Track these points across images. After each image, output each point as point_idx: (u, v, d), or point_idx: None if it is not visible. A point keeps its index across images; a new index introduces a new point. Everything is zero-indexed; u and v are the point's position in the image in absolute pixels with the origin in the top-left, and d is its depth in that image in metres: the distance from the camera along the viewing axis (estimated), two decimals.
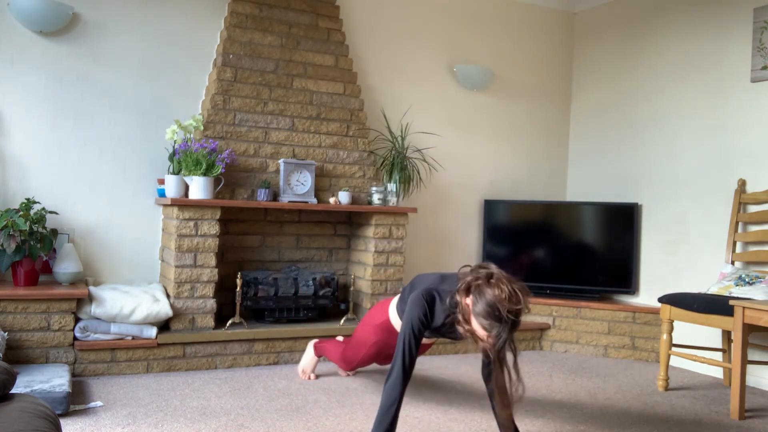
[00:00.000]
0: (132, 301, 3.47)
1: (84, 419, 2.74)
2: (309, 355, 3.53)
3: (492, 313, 2.19)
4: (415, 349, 2.38)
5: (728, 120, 4.09)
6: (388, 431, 2.28)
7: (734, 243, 3.90)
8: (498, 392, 2.37)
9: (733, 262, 3.89)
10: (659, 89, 4.57)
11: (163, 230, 4.01)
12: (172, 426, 2.71)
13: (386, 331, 2.88)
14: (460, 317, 2.29)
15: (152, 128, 4.00)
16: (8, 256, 3.35)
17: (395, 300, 2.87)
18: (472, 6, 4.98)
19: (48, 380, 2.90)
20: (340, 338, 3.53)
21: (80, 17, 3.84)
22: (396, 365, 2.34)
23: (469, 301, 2.26)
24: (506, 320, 2.19)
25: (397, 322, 2.80)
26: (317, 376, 3.56)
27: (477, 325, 2.23)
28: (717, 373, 4.00)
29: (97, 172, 3.89)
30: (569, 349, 4.52)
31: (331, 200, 4.08)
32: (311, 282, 4.01)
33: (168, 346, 3.55)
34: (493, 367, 2.32)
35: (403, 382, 2.32)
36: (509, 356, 2.25)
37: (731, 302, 3.17)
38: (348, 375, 3.60)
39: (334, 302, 4.09)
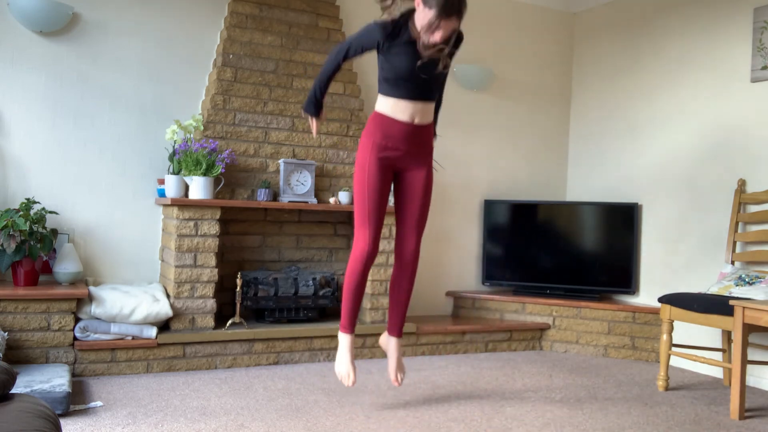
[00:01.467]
0: (132, 301, 3.47)
1: (84, 419, 2.74)
2: (342, 340, 3.04)
3: None
4: (353, 45, 2.81)
5: (728, 120, 4.09)
6: (324, 85, 2.90)
7: (734, 243, 3.90)
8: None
9: (733, 262, 3.89)
10: (659, 89, 4.57)
11: (163, 230, 4.01)
12: (172, 426, 2.71)
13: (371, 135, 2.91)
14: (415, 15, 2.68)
15: (152, 128, 4.01)
16: (8, 256, 3.35)
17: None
18: (472, 6, 4.94)
19: (48, 380, 2.90)
20: None
21: (80, 17, 3.85)
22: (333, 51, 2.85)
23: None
24: None
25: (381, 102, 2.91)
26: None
27: (424, 9, 2.60)
28: (717, 373, 4.00)
29: (97, 172, 3.90)
30: (569, 349, 4.52)
31: (331, 200, 4.08)
32: (311, 282, 4.02)
33: (168, 346, 3.55)
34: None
35: (335, 61, 2.85)
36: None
37: (731, 302, 3.17)
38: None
39: (334, 302, 4.09)
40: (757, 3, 3.94)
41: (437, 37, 2.62)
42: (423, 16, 2.61)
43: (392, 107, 2.82)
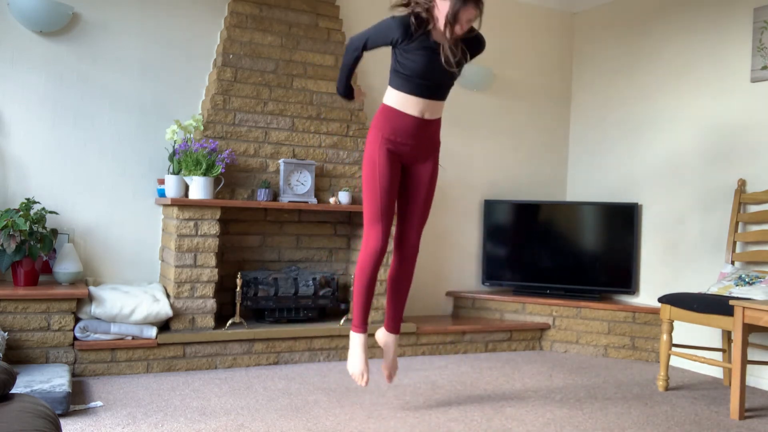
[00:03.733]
0: (132, 301, 3.47)
1: (84, 419, 2.74)
2: (354, 340, 2.97)
3: None
4: (370, 39, 2.81)
5: (728, 120, 4.09)
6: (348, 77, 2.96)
7: (734, 243, 3.90)
8: None
9: (733, 262, 3.89)
10: (659, 89, 4.57)
11: (163, 230, 4.01)
12: (172, 426, 2.71)
13: (380, 129, 2.88)
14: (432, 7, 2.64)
15: (152, 128, 4.01)
16: (8, 256, 3.35)
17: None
18: None
19: (48, 380, 2.90)
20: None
21: (80, 17, 3.85)
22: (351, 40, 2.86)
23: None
24: None
25: (390, 97, 2.89)
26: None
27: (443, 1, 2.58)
28: (717, 373, 4.00)
29: (97, 172, 3.90)
30: (569, 349, 4.52)
31: (331, 200, 4.08)
32: (311, 282, 4.02)
33: (168, 346, 3.55)
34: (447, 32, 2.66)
35: (353, 55, 2.88)
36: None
37: (731, 302, 3.17)
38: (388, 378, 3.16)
39: (334, 302, 4.09)
40: (757, 3, 3.94)
41: (457, 30, 2.62)
42: (442, 8, 2.59)
43: (403, 102, 2.81)
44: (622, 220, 4.62)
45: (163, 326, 3.62)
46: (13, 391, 1.93)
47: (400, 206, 3.02)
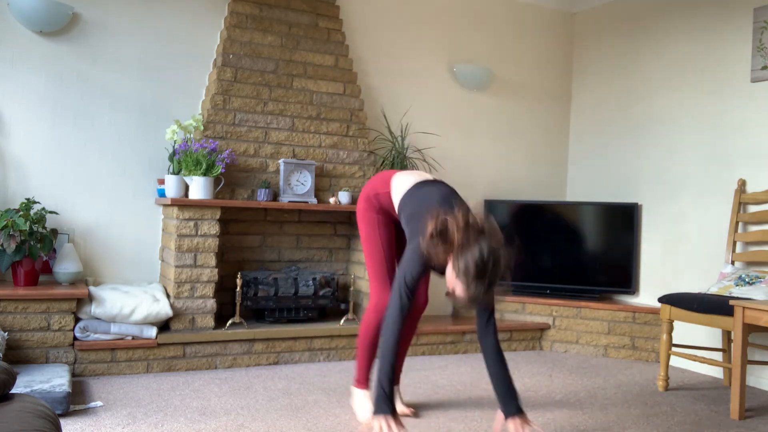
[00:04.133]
0: (132, 301, 3.47)
1: (84, 419, 2.74)
2: (359, 396, 2.90)
3: (471, 273, 2.28)
4: (411, 291, 2.47)
5: (728, 120, 4.09)
6: (392, 365, 2.40)
7: (734, 243, 3.90)
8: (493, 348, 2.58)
9: (733, 262, 3.89)
10: (659, 89, 4.57)
11: (163, 230, 4.01)
12: (172, 426, 2.71)
13: (379, 210, 2.82)
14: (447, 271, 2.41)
15: (152, 128, 4.01)
16: (8, 256, 3.35)
17: (398, 181, 2.76)
18: (472, 6, 4.98)
19: (48, 380, 2.90)
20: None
21: (80, 17, 3.85)
22: (392, 306, 2.46)
23: (450, 261, 2.36)
24: (484, 280, 2.29)
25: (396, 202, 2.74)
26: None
27: (456, 282, 2.33)
28: (717, 373, 4.00)
29: (97, 172, 3.90)
30: (569, 349, 4.52)
31: (331, 200, 4.08)
32: (311, 282, 4.02)
33: (168, 346, 3.55)
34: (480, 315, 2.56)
35: (401, 321, 2.45)
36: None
37: (731, 302, 3.17)
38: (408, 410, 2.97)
39: (334, 302, 4.09)
40: (757, 3, 3.94)
41: (468, 306, 2.43)
42: (453, 281, 2.36)
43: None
44: (622, 220, 4.62)
45: (163, 326, 3.62)
46: (13, 391, 1.93)
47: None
